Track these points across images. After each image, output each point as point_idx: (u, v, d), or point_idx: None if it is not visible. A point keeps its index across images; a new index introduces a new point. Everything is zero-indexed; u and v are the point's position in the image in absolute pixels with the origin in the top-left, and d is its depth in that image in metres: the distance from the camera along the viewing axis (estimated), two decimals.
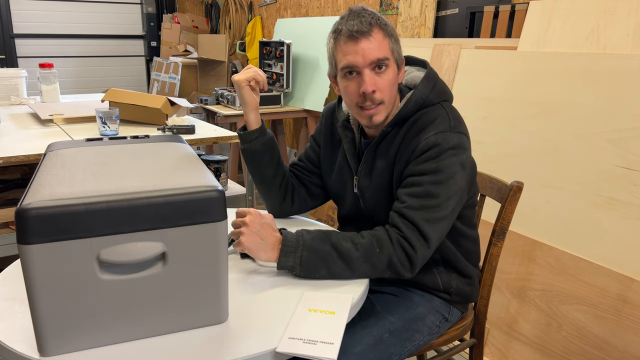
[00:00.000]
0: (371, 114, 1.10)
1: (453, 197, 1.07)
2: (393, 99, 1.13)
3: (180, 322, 0.84)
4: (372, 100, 1.08)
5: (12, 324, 0.84)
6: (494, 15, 2.40)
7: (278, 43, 3.55)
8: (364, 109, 1.10)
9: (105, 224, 0.74)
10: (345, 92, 1.12)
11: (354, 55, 1.06)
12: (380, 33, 1.07)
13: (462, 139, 1.08)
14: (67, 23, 5.70)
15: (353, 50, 1.06)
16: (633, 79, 1.64)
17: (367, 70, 1.06)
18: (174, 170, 0.87)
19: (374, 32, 1.06)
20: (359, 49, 1.05)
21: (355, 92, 1.09)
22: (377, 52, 1.06)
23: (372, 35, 1.05)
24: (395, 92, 1.13)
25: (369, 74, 1.07)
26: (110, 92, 2.28)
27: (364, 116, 1.12)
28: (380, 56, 1.06)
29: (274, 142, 1.27)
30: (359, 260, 1.02)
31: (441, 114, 1.10)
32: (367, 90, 1.06)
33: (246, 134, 1.24)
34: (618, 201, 1.64)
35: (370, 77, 1.07)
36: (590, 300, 1.64)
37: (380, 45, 1.06)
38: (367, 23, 1.05)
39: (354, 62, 1.06)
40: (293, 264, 1.02)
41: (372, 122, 1.12)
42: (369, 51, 1.05)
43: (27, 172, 2.16)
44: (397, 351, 1.12)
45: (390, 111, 1.14)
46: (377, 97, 1.08)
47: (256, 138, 1.23)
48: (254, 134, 1.23)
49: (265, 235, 1.03)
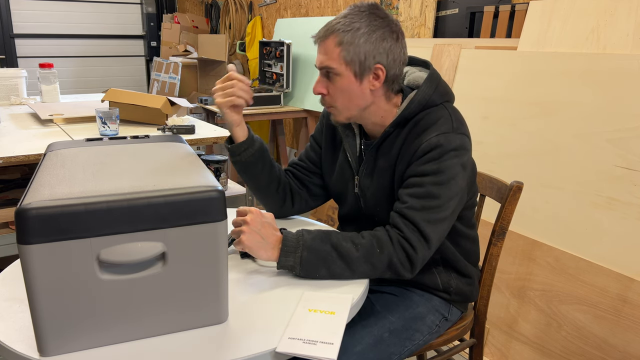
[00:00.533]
0: (329, 112, 1.17)
1: (454, 198, 1.08)
2: (354, 105, 1.13)
3: (180, 322, 0.84)
4: (321, 102, 1.16)
5: (12, 324, 0.84)
6: (494, 15, 2.40)
7: (278, 43, 3.55)
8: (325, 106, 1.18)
9: (105, 224, 0.74)
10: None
11: (317, 57, 1.13)
12: (333, 41, 1.08)
13: (464, 140, 1.09)
14: (67, 23, 5.70)
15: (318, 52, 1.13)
16: (633, 79, 1.64)
17: (320, 73, 1.13)
18: (174, 170, 0.87)
19: (328, 40, 1.09)
20: (318, 52, 1.13)
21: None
22: (324, 59, 1.10)
23: (323, 43, 1.10)
24: (357, 100, 1.12)
25: (320, 77, 1.14)
26: (110, 92, 2.28)
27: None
28: (323, 64, 1.11)
29: (263, 151, 1.25)
30: (359, 260, 1.02)
31: (444, 114, 1.11)
32: (313, 91, 1.14)
33: (234, 147, 1.22)
34: (618, 201, 1.64)
35: (319, 80, 1.14)
36: (590, 300, 1.64)
37: (327, 54, 1.09)
38: (325, 29, 1.10)
39: (316, 63, 1.14)
40: (293, 263, 1.02)
41: (332, 120, 1.18)
42: (319, 56, 1.12)
43: (27, 172, 2.16)
44: (397, 350, 1.12)
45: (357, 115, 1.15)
46: (326, 100, 1.15)
47: (245, 150, 1.22)
48: (241, 147, 1.22)
49: (266, 234, 1.03)
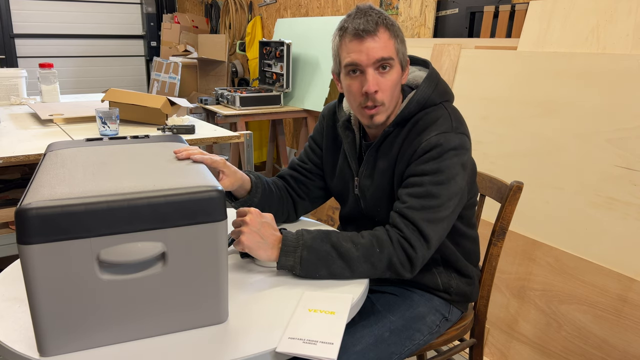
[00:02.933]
0: (372, 114, 1.10)
1: (454, 198, 1.07)
2: (395, 100, 1.12)
3: (180, 322, 0.84)
4: (373, 101, 1.08)
5: (12, 324, 0.84)
6: (494, 15, 2.40)
7: (278, 43, 3.55)
8: (366, 108, 1.10)
9: (105, 224, 0.74)
10: (348, 91, 1.11)
11: (359, 53, 1.06)
12: (386, 33, 1.06)
13: (463, 140, 1.08)
14: (67, 23, 5.69)
15: (358, 48, 1.05)
16: (633, 79, 1.64)
17: (371, 69, 1.06)
18: (174, 170, 0.87)
19: (380, 31, 1.05)
20: (364, 48, 1.05)
21: (358, 91, 1.09)
22: (381, 51, 1.05)
23: (377, 34, 1.05)
24: (397, 94, 1.13)
25: (373, 73, 1.06)
26: (110, 92, 2.28)
27: (365, 116, 1.11)
28: (384, 55, 1.05)
29: (265, 191, 1.24)
30: (359, 260, 1.02)
31: (443, 114, 1.10)
32: (369, 89, 1.06)
33: (240, 203, 1.22)
34: (618, 201, 1.64)
35: (373, 76, 1.06)
36: (590, 300, 1.64)
37: (385, 45, 1.06)
38: (373, 22, 1.05)
39: (358, 61, 1.06)
40: (293, 263, 1.01)
41: (373, 123, 1.12)
42: (373, 50, 1.05)
43: (27, 172, 2.16)
44: (398, 350, 1.12)
45: (392, 112, 1.14)
46: (379, 97, 1.08)
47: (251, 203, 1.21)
48: (247, 202, 1.21)
49: (265, 234, 1.03)
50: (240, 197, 1.22)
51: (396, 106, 1.14)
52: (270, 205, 1.25)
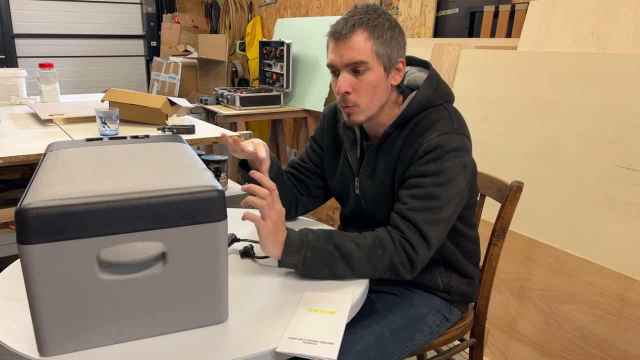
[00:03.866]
0: (347, 112, 1.12)
1: (454, 199, 1.08)
2: (377, 101, 1.11)
3: (180, 322, 0.84)
4: (344, 102, 1.10)
5: (12, 324, 0.84)
6: (494, 15, 2.40)
7: (278, 43, 3.55)
8: (342, 107, 1.12)
9: (105, 224, 0.74)
10: (333, 90, 1.14)
11: (333, 54, 1.09)
12: (363, 35, 1.06)
13: (464, 141, 1.08)
14: (67, 23, 5.70)
15: (333, 49, 1.09)
16: (633, 79, 1.64)
17: (344, 71, 1.09)
18: (174, 170, 0.87)
19: (355, 33, 1.06)
20: (338, 49, 1.08)
21: (336, 91, 1.11)
22: (354, 54, 1.06)
23: (350, 37, 1.06)
24: (380, 95, 1.11)
25: (345, 75, 1.08)
26: (110, 92, 2.28)
27: (344, 114, 1.14)
28: (355, 59, 1.06)
29: (279, 169, 1.23)
30: (361, 261, 1.02)
31: (444, 115, 1.10)
32: (339, 90, 1.09)
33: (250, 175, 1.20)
34: (618, 201, 1.64)
35: (345, 78, 1.08)
36: (590, 300, 1.64)
37: (359, 48, 1.06)
38: (350, 24, 1.06)
39: (333, 62, 1.09)
40: (296, 262, 1.01)
41: (350, 121, 1.13)
42: (345, 52, 1.07)
43: (27, 172, 2.16)
44: (398, 350, 1.12)
45: (380, 113, 1.14)
46: (350, 98, 1.09)
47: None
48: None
49: (278, 228, 1.01)
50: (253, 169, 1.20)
51: (386, 107, 1.14)
52: (279, 189, 1.24)
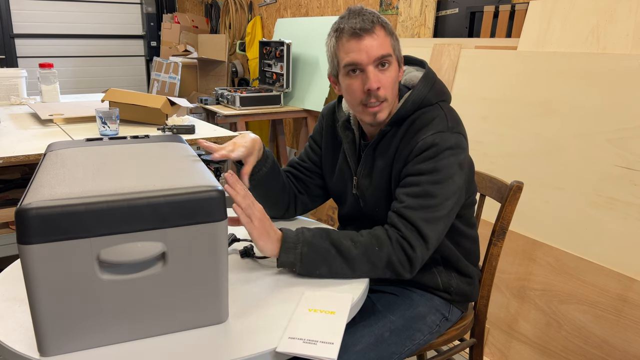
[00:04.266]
0: (375, 111, 1.10)
1: (451, 197, 1.08)
2: (395, 96, 1.13)
3: (180, 322, 0.84)
4: (376, 97, 1.08)
5: (12, 324, 0.84)
6: (494, 15, 2.40)
7: (278, 43, 3.55)
8: (368, 106, 1.10)
9: (105, 224, 0.74)
10: (349, 91, 1.11)
11: (358, 52, 1.06)
12: (382, 31, 1.07)
13: (459, 139, 1.09)
14: (67, 23, 5.69)
15: (357, 47, 1.06)
16: (633, 79, 1.64)
17: (371, 67, 1.07)
18: (174, 170, 0.87)
19: (376, 29, 1.06)
20: (363, 47, 1.06)
21: (359, 89, 1.09)
22: (380, 49, 1.06)
23: (375, 32, 1.06)
24: (396, 90, 1.13)
25: (373, 71, 1.07)
26: (110, 92, 2.28)
27: (368, 114, 1.11)
28: (384, 53, 1.06)
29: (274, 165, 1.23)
30: (358, 258, 1.02)
31: (439, 114, 1.11)
32: (372, 87, 1.07)
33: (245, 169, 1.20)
34: (618, 201, 1.64)
35: (374, 74, 1.07)
36: (590, 300, 1.64)
37: (383, 42, 1.07)
38: (369, 21, 1.06)
39: (358, 60, 1.06)
40: (293, 260, 1.01)
41: (376, 120, 1.11)
42: (372, 48, 1.06)
43: (27, 172, 2.16)
44: (398, 350, 1.12)
45: (391, 110, 1.14)
46: (381, 94, 1.08)
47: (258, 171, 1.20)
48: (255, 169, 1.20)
49: (270, 228, 1.02)
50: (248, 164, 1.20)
51: (395, 104, 1.15)
52: (275, 185, 1.24)
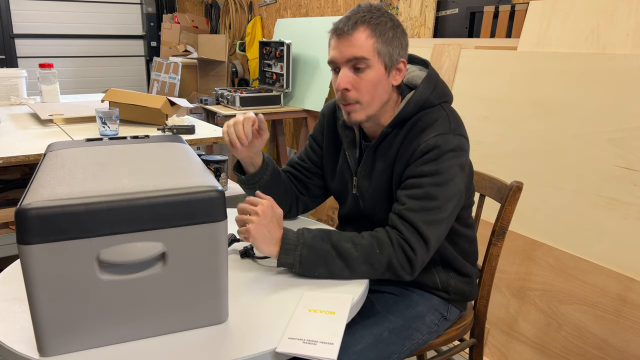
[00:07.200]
0: (347, 110, 1.11)
1: (452, 200, 1.07)
2: (378, 100, 1.11)
3: (180, 322, 0.84)
4: (344, 99, 1.09)
5: (12, 324, 0.84)
6: (494, 15, 2.40)
7: (278, 43, 3.55)
8: (343, 105, 1.12)
9: (105, 224, 0.74)
10: (333, 87, 1.14)
11: (334, 51, 1.09)
12: (364, 32, 1.06)
13: (461, 141, 1.08)
14: (67, 23, 5.70)
15: (335, 46, 1.09)
16: (633, 79, 1.64)
17: (345, 67, 1.08)
18: (174, 170, 0.87)
19: (357, 30, 1.06)
20: (339, 46, 1.07)
21: (336, 88, 1.11)
22: (355, 50, 1.06)
23: (352, 34, 1.06)
24: (381, 94, 1.11)
25: (346, 71, 1.08)
26: (110, 92, 2.28)
27: (344, 112, 1.13)
28: (356, 55, 1.06)
29: (275, 173, 1.25)
30: (358, 260, 1.02)
31: (441, 115, 1.10)
32: (337, 86, 1.09)
33: (247, 178, 1.23)
34: (618, 201, 1.64)
35: (345, 74, 1.08)
36: (590, 300, 1.64)
37: (360, 44, 1.06)
38: (353, 22, 1.06)
39: (333, 58, 1.09)
40: (293, 261, 1.01)
41: (350, 119, 1.12)
42: (346, 49, 1.06)
43: (27, 172, 2.16)
44: (397, 350, 1.12)
45: (382, 112, 1.13)
46: (350, 95, 1.09)
47: (259, 180, 1.23)
48: (255, 178, 1.22)
49: (272, 228, 1.03)
50: (249, 172, 1.23)
51: (387, 106, 1.14)
52: (277, 191, 1.25)
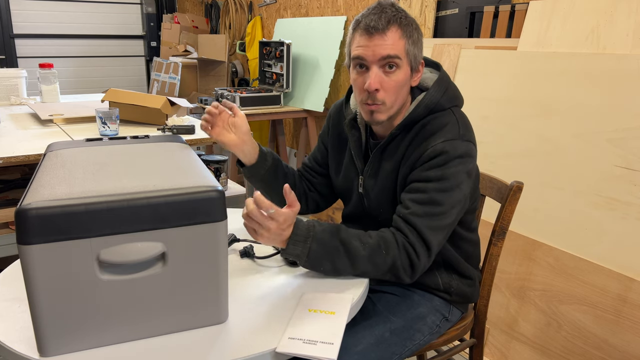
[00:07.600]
0: (372, 110, 1.09)
1: (457, 206, 1.07)
2: (400, 101, 1.11)
3: (180, 322, 0.84)
4: (373, 99, 1.08)
5: (12, 324, 0.84)
6: (494, 15, 2.40)
7: (278, 43, 3.54)
8: (367, 104, 1.10)
9: (105, 224, 0.74)
10: (354, 85, 1.12)
11: (365, 49, 1.06)
12: (397, 32, 1.05)
13: (469, 148, 1.08)
14: (67, 23, 5.69)
15: (365, 44, 1.06)
16: (633, 79, 1.64)
17: (375, 66, 1.06)
18: (174, 170, 0.87)
19: (390, 30, 1.04)
20: (371, 44, 1.05)
21: (361, 86, 1.08)
22: (388, 49, 1.04)
23: (386, 33, 1.04)
24: (403, 95, 1.11)
25: (376, 71, 1.06)
26: (110, 92, 2.28)
27: (366, 111, 1.11)
28: (391, 53, 1.04)
29: (276, 165, 1.27)
30: (364, 259, 1.02)
31: (451, 120, 1.09)
32: (369, 87, 1.06)
33: (245, 170, 1.26)
34: (618, 201, 1.64)
35: (376, 74, 1.06)
36: (590, 300, 1.64)
37: (394, 44, 1.05)
38: (385, 20, 1.04)
39: (364, 56, 1.06)
40: (300, 253, 0.99)
41: (372, 119, 1.11)
42: (380, 48, 1.04)
43: (27, 172, 2.16)
44: (399, 350, 1.12)
45: (397, 113, 1.13)
46: (379, 96, 1.07)
47: (257, 172, 1.25)
48: (253, 169, 1.25)
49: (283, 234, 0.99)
50: (248, 164, 1.25)
51: (402, 108, 1.13)
52: (279, 185, 1.26)
